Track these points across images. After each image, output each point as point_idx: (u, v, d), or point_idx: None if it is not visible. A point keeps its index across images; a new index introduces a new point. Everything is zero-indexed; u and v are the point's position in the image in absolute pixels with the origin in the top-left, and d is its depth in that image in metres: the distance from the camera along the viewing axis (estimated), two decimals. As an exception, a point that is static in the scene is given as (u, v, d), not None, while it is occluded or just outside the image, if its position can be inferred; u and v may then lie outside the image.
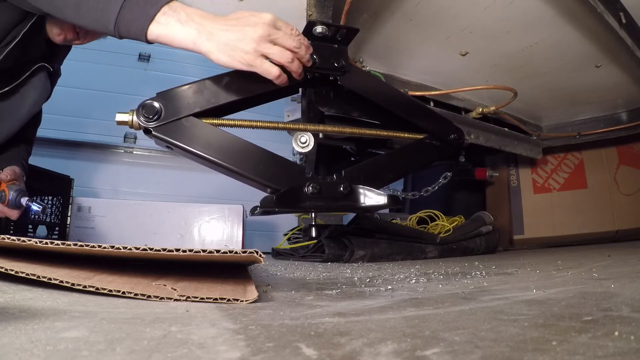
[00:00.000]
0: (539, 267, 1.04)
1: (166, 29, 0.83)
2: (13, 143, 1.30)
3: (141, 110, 0.90)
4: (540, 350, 0.33)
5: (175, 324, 0.43)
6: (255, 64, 0.85)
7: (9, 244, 0.56)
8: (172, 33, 0.83)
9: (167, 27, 0.83)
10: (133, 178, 2.56)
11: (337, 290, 0.71)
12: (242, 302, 0.55)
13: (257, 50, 0.84)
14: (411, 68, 1.64)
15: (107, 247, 0.55)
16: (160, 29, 0.83)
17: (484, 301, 0.57)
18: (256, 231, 2.65)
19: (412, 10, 1.33)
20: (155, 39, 0.84)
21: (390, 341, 0.36)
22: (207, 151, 0.92)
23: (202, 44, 0.83)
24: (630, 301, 0.51)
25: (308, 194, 0.98)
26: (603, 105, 1.97)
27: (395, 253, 1.55)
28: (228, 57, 0.84)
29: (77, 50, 1.36)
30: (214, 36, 0.83)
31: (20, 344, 0.33)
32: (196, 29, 0.83)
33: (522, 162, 2.27)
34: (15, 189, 1.17)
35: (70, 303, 0.51)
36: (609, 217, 2.14)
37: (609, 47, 1.48)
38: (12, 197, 1.15)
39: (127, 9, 0.82)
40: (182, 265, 0.73)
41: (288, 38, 0.88)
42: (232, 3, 1.24)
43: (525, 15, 1.33)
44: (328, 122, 1.38)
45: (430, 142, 1.16)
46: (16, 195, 1.16)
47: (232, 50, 0.84)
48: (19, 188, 1.18)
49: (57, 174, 1.89)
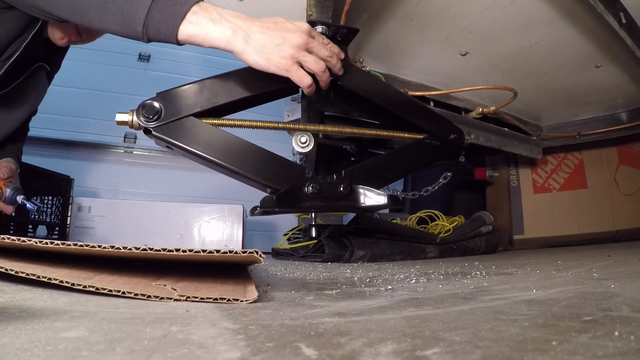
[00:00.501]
0: (539, 267, 1.04)
1: (198, 28, 0.81)
2: (9, 139, 1.31)
3: (141, 110, 0.90)
4: (540, 350, 0.33)
5: (175, 324, 0.43)
6: (291, 70, 0.85)
7: (9, 244, 0.56)
8: (205, 32, 0.81)
9: (199, 26, 0.81)
10: (133, 178, 2.56)
11: (337, 290, 0.71)
12: (242, 302, 0.55)
13: (294, 57, 0.84)
14: (411, 68, 1.64)
15: (107, 247, 0.55)
16: (192, 28, 0.81)
17: (484, 301, 0.57)
18: (256, 231, 2.65)
19: (412, 10, 1.33)
20: (186, 39, 0.82)
21: (390, 341, 0.36)
22: (207, 151, 0.92)
23: (237, 43, 0.82)
24: (630, 301, 0.51)
25: (308, 194, 0.98)
26: (603, 105, 1.96)
27: (395, 253, 1.56)
28: (264, 60, 0.84)
29: (77, 50, 1.36)
30: (250, 37, 0.82)
31: (20, 344, 0.33)
32: (230, 28, 0.82)
33: (522, 162, 2.27)
34: (12, 187, 1.20)
35: (70, 303, 0.51)
36: (609, 217, 2.14)
37: (609, 47, 1.48)
38: (8, 194, 1.19)
39: (156, 10, 0.79)
40: (182, 265, 0.73)
41: (323, 48, 0.89)
42: (232, 3, 1.24)
43: (525, 15, 1.33)
44: (328, 122, 1.39)
45: (430, 142, 1.16)
46: (12, 193, 1.19)
47: (269, 53, 0.83)
48: (15, 186, 1.21)
49: (57, 174, 1.89)
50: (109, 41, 1.25)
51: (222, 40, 0.82)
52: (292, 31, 0.84)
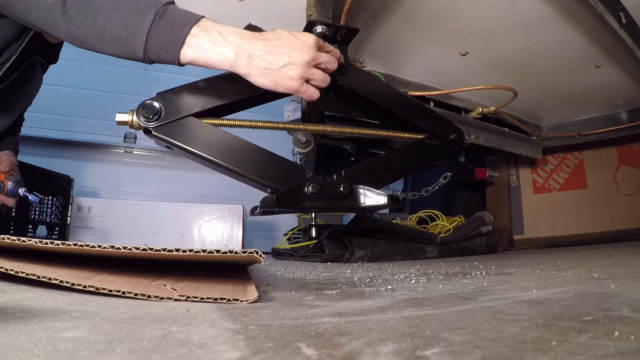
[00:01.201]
0: (539, 267, 1.04)
1: (199, 52, 0.78)
2: (6, 132, 1.32)
3: (141, 110, 0.90)
4: (540, 350, 0.33)
5: (175, 324, 0.42)
6: (300, 90, 0.83)
7: (9, 244, 0.56)
8: (207, 56, 0.79)
9: (200, 50, 0.78)
10: (133, 178, 2.56)
11: (337, 290, 0.71)
12: (242, 302, 0.55)
13: (302, 76, 0.82)
14: (411, 68, 1.64)
15: (107, 247, 0.55)
16: (194, 52, 0.78)
17: (484, 301, 0.57)
18: (256, 231, 2.65)
19: (412, 10, 1.33)
20: (189, 62, 0.80)
21: (390, 341, 0.36)
22: (207, 151, 0.92)
23: (241, 66, 0.80)
24: (630, 301, 0.51)
25: (308, 194, 0.98)
26: (603, 105, 1.96)
27: (395, 253, 1.55)
28: (272, 82, 0.82)
29: (77, 50, 1.34)
30: (254, 59, 0.80)
31: (20, 344, 0.33)
32: (233, 51, 0.79)
33: (522, 162, 2.27)
34: (14, 180, 1.22)
35: (70, 303, 0.51)
36: (609, 217, 2.14)
37: (609, 47, 1.48)
38: (10, 187, 1.21)
39: (155, 36, 0.77)
40: (182, 265, 0.73)
41: (331, 61, 0.86)
42: (232, 3, 1.24)
43: (525, 15, 1.33)
44: (328, 122, 1.39)
45: (430, 142, 1.16)
46: (14, 186, 1.21)
47: (276, 74, 0.81)
48: (16, 179, 1.23)
49: (57, 174, 1.89)
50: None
51: (225, 64, 0.80)
52: (298, 47, 0.81)
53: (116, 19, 0.77)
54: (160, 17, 0.77)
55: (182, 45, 0.78)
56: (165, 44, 0.78)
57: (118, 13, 0.77)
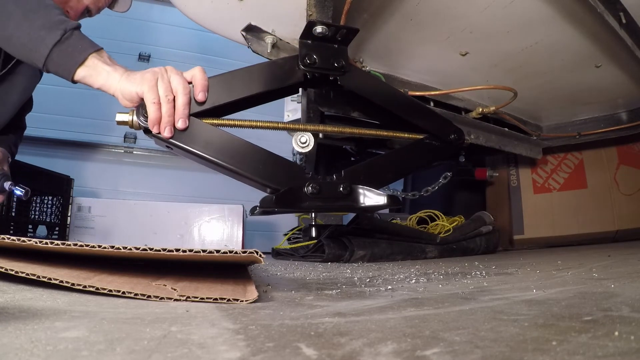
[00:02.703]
0: (539, 267, 1.04)
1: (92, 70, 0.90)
2: (4, 130, 1.31)
3: (141, 110, 0.90)
4: (540, 350, 0.33)
5: (175, 324, 0.42)
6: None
7: (9, 244, 0.56)
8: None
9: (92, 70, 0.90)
10: (133, 178, 2.56)
11: (337, 290, 0.71)
12: (242, 302, 0.55)
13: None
14: (411, 68, 1.63)
15: (107, 247, 0.55)
16: (85, 71, 0.90)
17: (484, 301, 0.57)
18: (256, 231, 2.65)
19: (412, 10, 1.32)
20: (80, 80, 0.91)
21: (390, 341, 0.36)
22: (207, 151, 0.92)
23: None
24: (630, 301, 0.51)
25: (308, 194, 0.98)
26: (603, 105, 1.96)
27: (395, 253, 1.55)
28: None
29: (77, 50, 1.35)
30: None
31: (20, 344, 0.33)
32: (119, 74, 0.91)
33: (522, 162, 2.26)
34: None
35: (70, 303, 0.51)
36: (609, 217, 2.14)
37: (609, 47, 1.48)
38: None
39: (57, 53, 0.88)
40: (182, 265, 0.73)
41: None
42: (232, 3, 1.24)
43: (525, 15, 1.33)
44: (328, 122, 1.39)
45: (430, 142, 1.15)
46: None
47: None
48: (1, 173, 1.16)
49: (57, 174, 1.89)
50: (109, 41, 1.26)
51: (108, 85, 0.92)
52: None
53: (25, 29, 0.89)
54: (66, 39, 0.89)
55: (78, 66, 0.88)
56: (65, 62, 0.89)
57: (28, 24, 0.88)
